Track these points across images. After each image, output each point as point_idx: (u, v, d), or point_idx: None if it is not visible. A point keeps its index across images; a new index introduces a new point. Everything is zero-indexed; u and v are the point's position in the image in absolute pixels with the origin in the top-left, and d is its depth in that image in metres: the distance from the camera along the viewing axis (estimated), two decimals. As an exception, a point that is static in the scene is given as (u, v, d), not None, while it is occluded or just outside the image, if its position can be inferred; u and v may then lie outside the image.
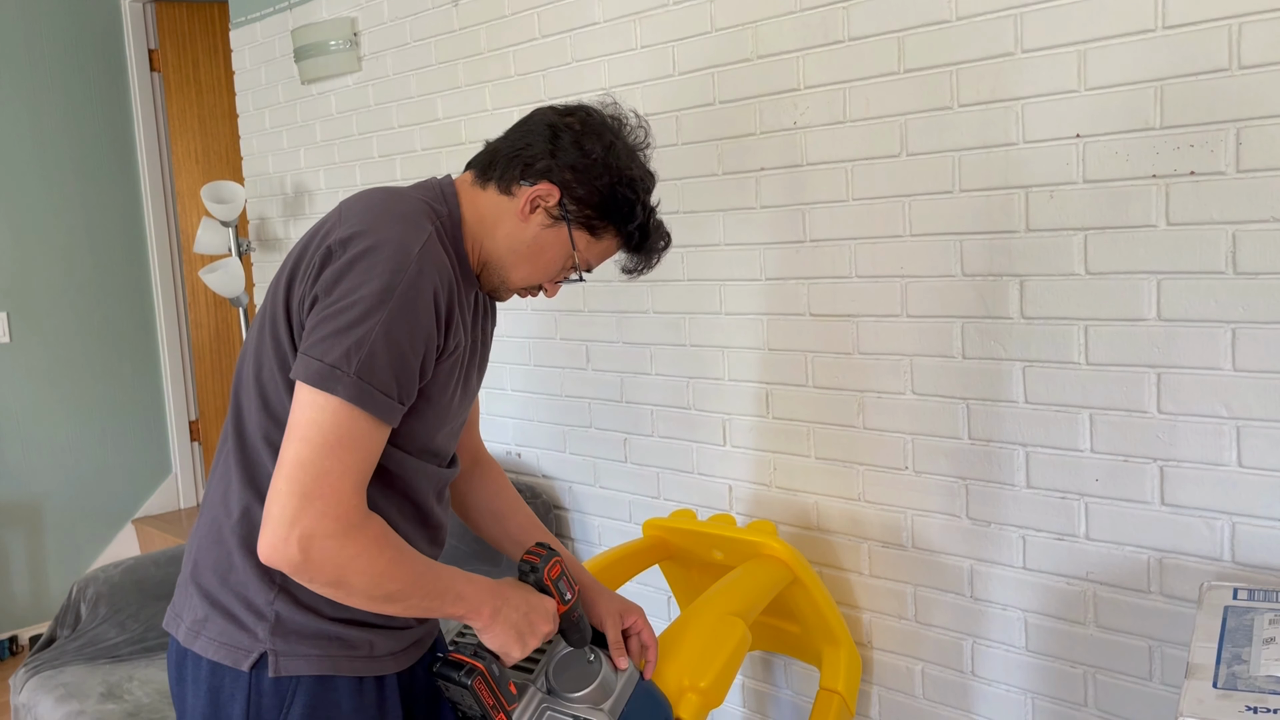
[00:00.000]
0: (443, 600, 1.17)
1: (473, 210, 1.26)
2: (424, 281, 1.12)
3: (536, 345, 2.49)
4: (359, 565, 1.09)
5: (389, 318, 1.10)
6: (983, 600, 1.79)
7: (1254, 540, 1.49)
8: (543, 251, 1.27)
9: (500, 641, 1.23)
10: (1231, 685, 1.11)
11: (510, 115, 2.45)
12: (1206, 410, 1.51)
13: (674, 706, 1.42)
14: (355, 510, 1.09)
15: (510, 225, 1.25)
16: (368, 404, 1.09)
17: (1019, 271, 1.67)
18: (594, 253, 1.30)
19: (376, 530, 1.12)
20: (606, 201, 1.26)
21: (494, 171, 1.26)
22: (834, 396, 1.94)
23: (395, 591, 1.12)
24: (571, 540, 2.52)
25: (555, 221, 1.25)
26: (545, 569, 1.30)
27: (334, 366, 1.08)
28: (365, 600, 1.12)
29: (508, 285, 1.29)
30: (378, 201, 1.18)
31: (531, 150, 1.24)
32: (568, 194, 1.24)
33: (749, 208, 2.01)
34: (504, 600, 1.23)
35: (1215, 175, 1.47)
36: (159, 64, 4.01)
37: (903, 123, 1.77)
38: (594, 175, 1.24)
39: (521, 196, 1.24)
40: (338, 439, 1.08)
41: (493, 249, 1.26)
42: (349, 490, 1.09)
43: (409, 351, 1.12)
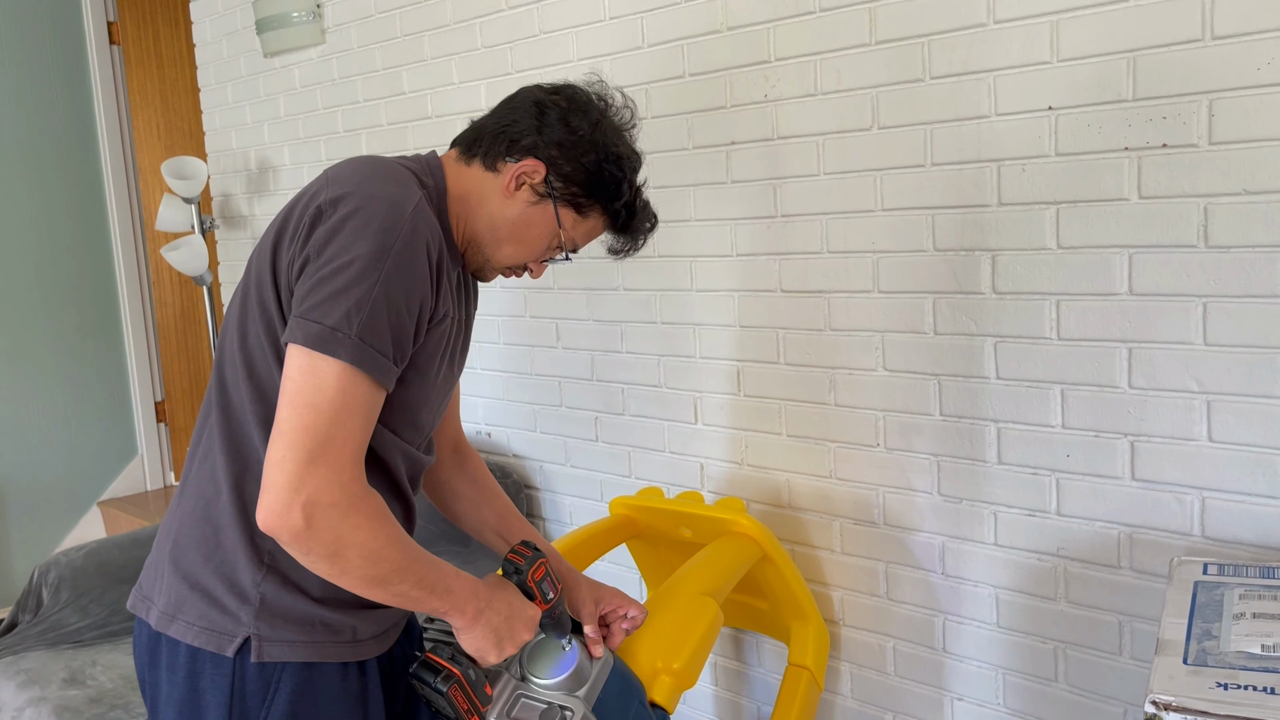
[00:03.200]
0: (431, 591, 1.14)
1: (458, 185, 1.24)
2: (418, 240, 1.10)
3: (506, 323, 2.46)
4: (358, 539, 1.07)
5: (386, 277, 1.07)
6: (954, 577, 1.79)
7: (1224, 515, 1.49)
8: (528, 229, 1.25)
9: (478, 645, 1.21)
10: (1202, 661, 1.10)
11: (477, 89, 2.41)
12: (1177, 385, 1.50)
13: (647, 689, 1.41)
14: (358, 480, 1.07)
15: (495, 202, 1.24)
16: (370, 367, 1.07)
17: (991, 246, 1.66)
18: (580, 231, 1.29)
19: (376, 506, 1.09)
20: (593, 179, 1.24)
21: (479, 148, 1.25)
22: (805, 373, 1.92)
23: (387, 574, 1.10)
24: (543, 520, 2.50)
25: (541, 199, 1.24)
26: (530, 570, 1.28)
27: (334, 329, 1.05)
28: (358, 579, 1.09)
29: (492, 264, 1.27)
30: (366, 165, 1.16)
31: (518, 127, 1.23)
32: (554, 170, 1.23)
33: (720, 182, 1.98)
34: (488, 602, 1.21)
35: (1187, 148, 1.45)
36: (118, 37, 3.92)
37: (874, 95, 1.75)
38: (580, 152, 1.23)
39: (507, 173, 1.23)
40: (342, 404, 1.05)
41: (478, 227, 1.25)
42: (351, 458, 1.06)
43: (405, 312, 1.10)
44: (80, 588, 2.39)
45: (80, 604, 2.37)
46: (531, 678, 1.29)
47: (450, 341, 1.25)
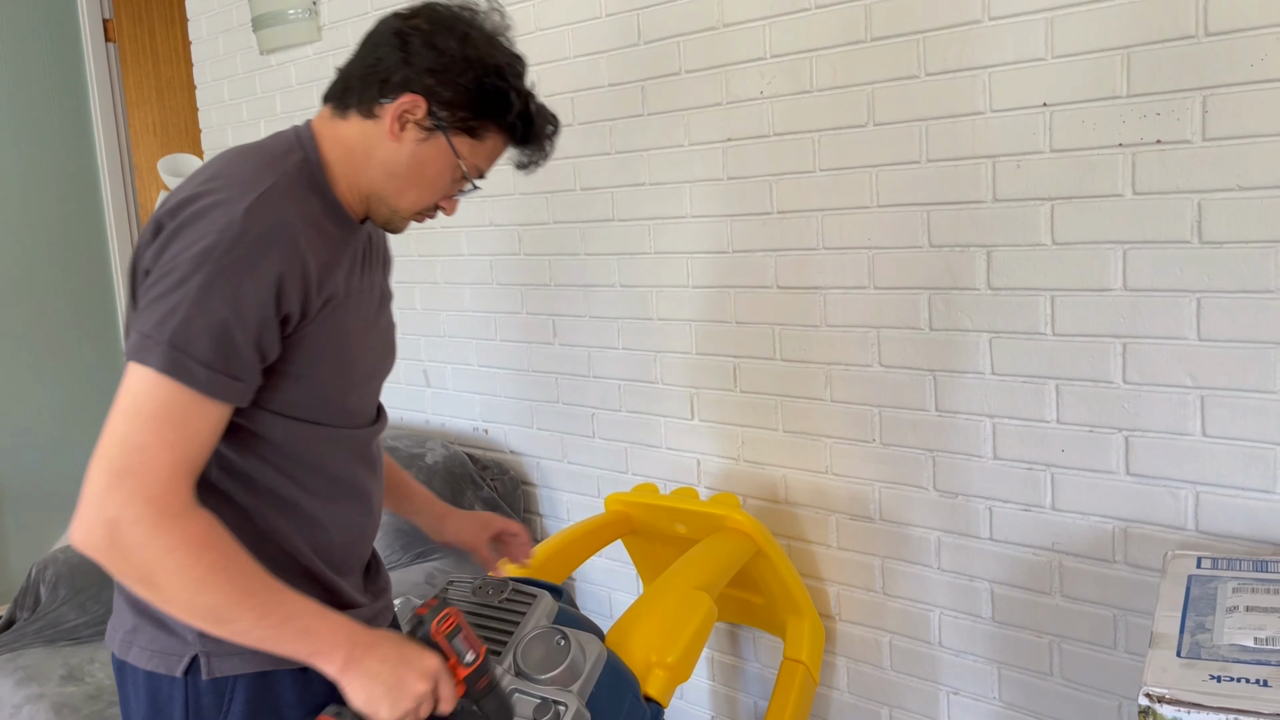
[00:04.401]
0: (283, 631, 1.03)
1: (337, 146, 1.17)
2: (251, 243, 1.03)
3: (502, 320, 2.47)
4: (171, 563, 0.97)
5: (205, 282, 1.00)
6: (949, 571, 1.79)
7: (1217, 509, 1.50)
8: (425, 168, 1.17)
9: (363, 698, 1.06)
10: (1195, 654, 1.11)
11: (473, 85, 2.40)
12: (1171, 380, 1.51)
13: (641, 683, 1.41)
14: (173, 496, 0.98)
15: (384, 149, 1.16)
16: (183, 376, 0.99)
17: (986, 242, 1.66)
18: (480, 156, 1.20)
19: (200, 527, 1.00)
20: (477, 98, 1.16)
21: (351, 97, 1.16)
22: (801, 369, 1.93)
23: (216, 606, 1.00)
24: (540, 516, 2.50)
25: (429, 133, 1.16)
26: (433, 622, 1.11)
27: (146, 335, 1.00)
28: (183, 610, 1.00)
29: (400, 213, 1.20)
30: (219, 165, 1.10)
31: (384, 64, 1.15)
32: (434, 100, 1.14)
33: (715, 179, 1.99)
34: (366, 649, 1.07)
35: (1181, 144, 1.46)
36: (114, 34, 3.91)
37: (869, 92, 1.75)
38: (457, 73, 1.14)
39: (386, 115, 1.15)
40: (152, 411, 0.98)
41: (373, 179, 1.17)
42: (166, 471, 0.98)
43: (232, 320, 1.01)
44: (78, 585, 2.39)
45: (78, 601, 2.37)
46: (525, 673, 1.29)
47: (363, 320, 1.19)
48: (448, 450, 2.44)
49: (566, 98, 2.21)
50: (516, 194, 2.36)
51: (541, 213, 2.32)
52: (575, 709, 1.26)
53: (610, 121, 2.13)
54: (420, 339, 2.68)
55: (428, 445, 2.44)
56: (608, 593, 2.39)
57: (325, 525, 1.19)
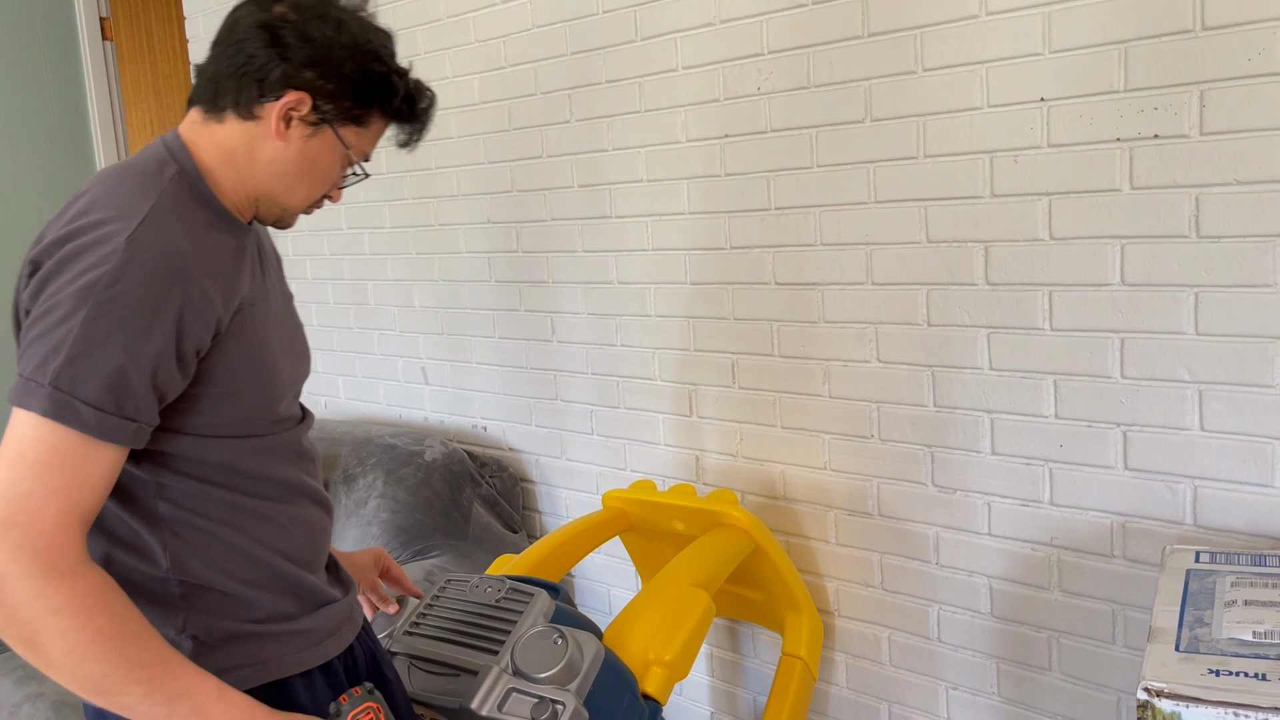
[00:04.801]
0: (172, 709, 0.95)
1: (215, 151, 1.12)
2: (139, 274, 0.96)
3: (501, 317, 2.46)
4: (56, 626, 0.90)
5: (89, 319, 0.94)
6: (948, 567, 1.79)
7: (1216, 503, 1.50)
8: (315, 163, 1.14)
9: None
10: (1194, 649, 1.11)
11: (470, 83, 2.41)
12: (1169, 374, 1.51)
13: (639, 681, 1.41)
14: (62, 550, 0.91)
15: (269, 150, 1.11)
16: (70, 419, 0.93)
17: (983, 237, 1.66)
18: (367, 141, 1.18)
19: (90, 585, 0.92)
20: (361, 86, 1.12)
21: (225, 99, 1.11)
22: (800, 365, 1.92)
23: (101, 677, 0.92)
24: (539, 513, 2.50)
25: (315, 128, 1.12)
26: (350, 713, 1.07)
27: (28, 378, 0.94)
28: (67, 678, 0.92)
29: (291, 210, 1.17)
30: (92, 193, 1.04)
31: (257, 61, 1.09)
32: (318, 95, 1.10)
33: (713, 175, 1.98)
34: None
35: (1179, 138, 1.46)
36: (111, 32, 3.91)
37: (867, 88, 1.75)
38: (338, 64, 1.10)
39: (269, 115, 1.10)
40: (37, 457, 0.91)
41: (260, 180, 1.13)
42: (53, 521, 0.91)
43: (123, 359, 0.95)
44: (77, 583, 2.39)
45: (77, 600, 2.37)
46: (523, 672, 1.29)
47: (272, 320, 1.15)
48: (447, 448, 2.44)
49: (564, 94, 2.20)
50: (514, 191, 2.36)
51: (539, 210, 2.32)
52: (573, 708, 1.26)
53: (608, 118, 2.13)
54: (419, 336, 2.68)
55: (426, 443, 2.44)
56: (607, 589, 2.39)
57: (286, 526, 1.16)
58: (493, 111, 2.37)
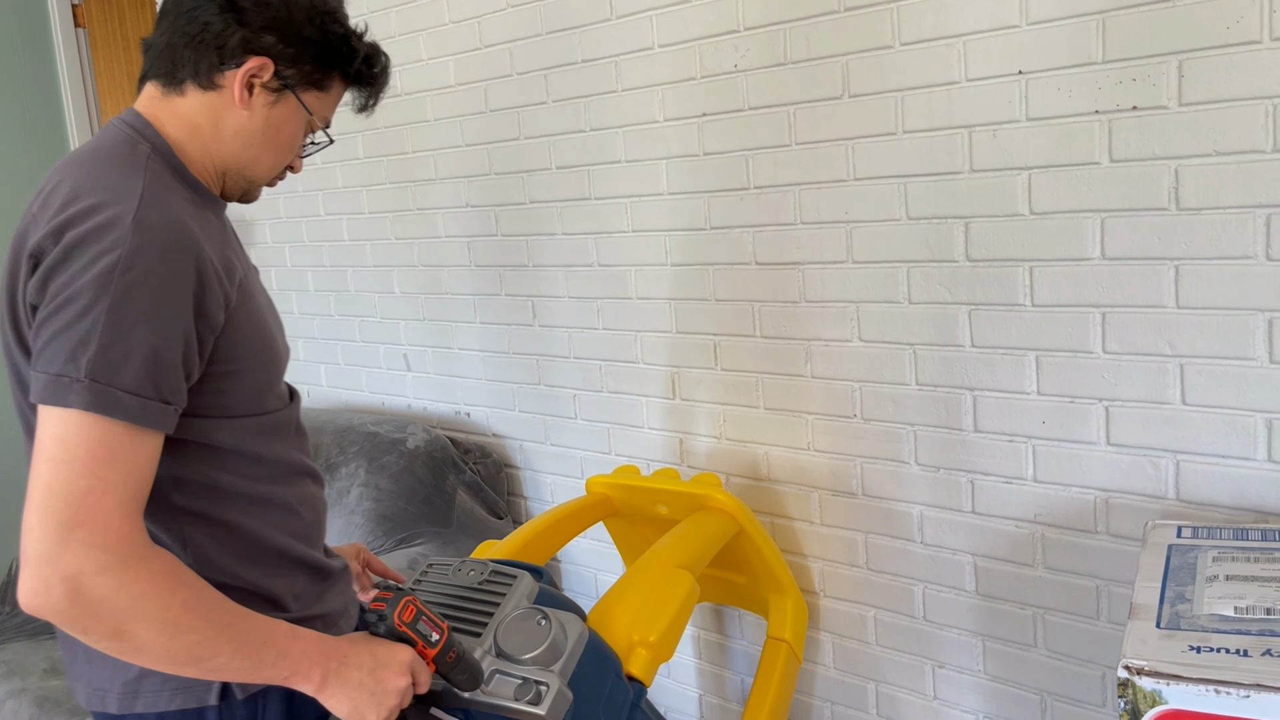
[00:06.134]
0: (259, 659, 0.99)
1: (179, 125, 1.09)
2: (154, 254, 0.95)
3: (481, 302, 2.44)
4: (144, 609, 0.92)
5: (114, 305, 0.93)
6: (932, 545, 1.79)
7: (1198, 477, 1.49)
8: (280, 131, 1.12)
9: (349, 708, 1.04)
10: (1175, 625, 1.10)
11: (446, 65, 2.37)
12: (1150, 349, 1.50)
13: (624, 662, 1.40)
14: (130, 539, 0.92)
15: (234, 119, 1.09)
16: (113, 409, 0.92)
17: (963, 213, 1.64)
18: (328, 106, 1.17)
19: (164, 565, 0.94)
20: (322, 50, 1.11)
21: (183, 70, 1.08)
22: (781, 346, 1.91)
23: (194, 646, 0.94)
24: (524, 499, 2.49)
25: (278, 94, 1.10)
26: (395, 614, 1.11)
27: (60, 375, 0.92)
28: (157, 657, 0.94)
29: (257, 182, 1.16)
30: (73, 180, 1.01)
31: (213, 29, 1.06)
32: (280, 59, 1.09)
33: (692, 155, 1.96)
34: (340, 661, 1.04)
35: (1158, 109, 1.44)
36: (84, 19, 3.85)
37: (844, 63, 1.73)
38: (297, 27, 1.09)
39: (231, 84, 1.08)
40: (89, 454, 0.91)
41: (226, 151, 1.11)
42: (116, 513, 0.91)
43: (155, 340, 0.95)
44: (58, 578, 2.37)
45: (59, 594, 2.35)
46: (506, 653, 1.28)
47: (260, 294, 1.15)
48: (429, 435, 2.42)
49: (540, 75, 2.18)
50: (492, 174, 2.33)
51: (517, 193, 2.29)
52: (557, 689, 1.25)
53: (585, 99, 2.11)
54: (400, 323, 2.66)
55: (409, 430, 2.43)
56: (593, 574, 2.38)
57: (295, 508, 1.17)
58: (469, 93, 2.34)
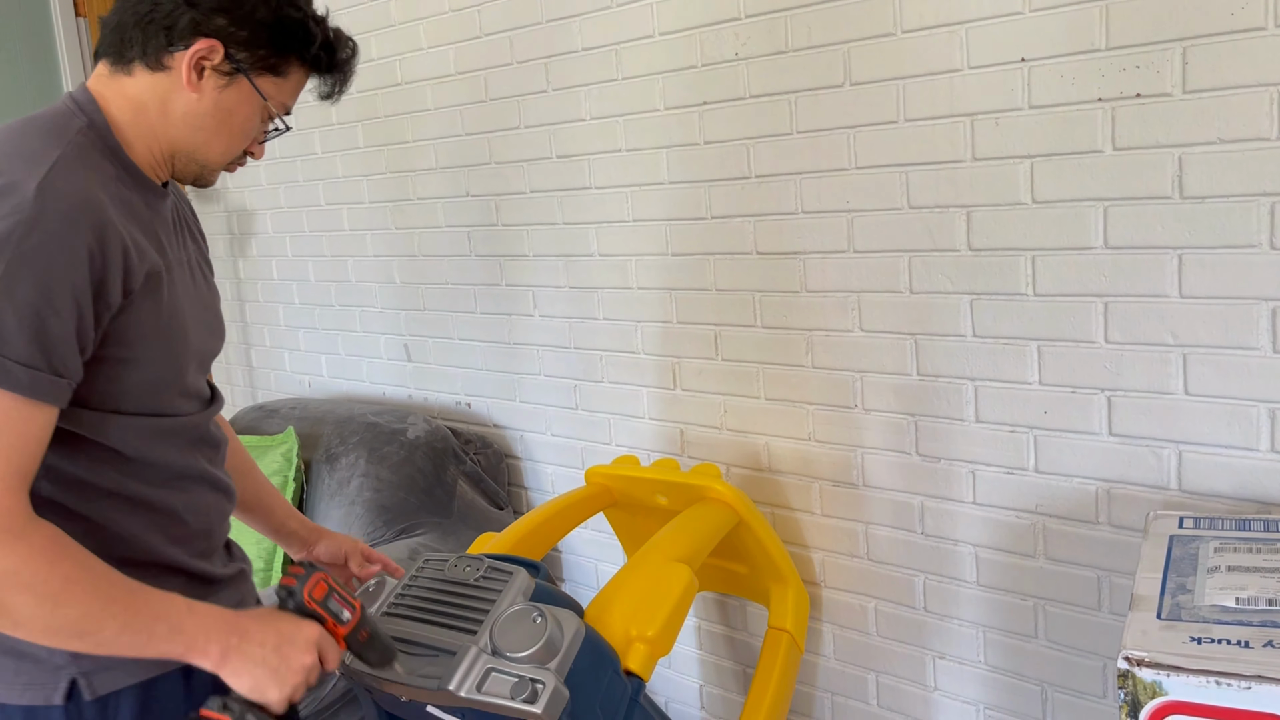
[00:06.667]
0: (151, 633, 0.97)
1: (125, 105, 1.07)
2: (52, 223, 0.93)
3: (482, 292, 2.43)
4: (20, 582, 0.90)
5: (6, 274, 0.91)
6: (933, 536, 1.78)
7: (1201, 468, 1.48)
8: (231, 115, 1.10)
9: (249, 684, 1.02)
10: (1175, 616, 1.10)
11: (446, 53, 2.36)
12: (1153, 338, 1.49)
13: (621, 657, 1.40)
14: (11, 512, 0.91)
15: (182, 102, 1.07)
16: (4, 381, 0.91)
17: (965, 202, 1.63)
18: (286, 92, 1.14)
19: (45, 539, 0.93)
20: (276, 32, 1.09)
21: (131, 49, 1.06)
22: (782, 336, 1.90)
23: (79, 618, 0.93)
24: (525, 489, 2.48)
25: (230, 78, 1.08)
26: (305, 591, 1.09)
27: None
28: (40, 631, 0.93)
29: (210, 166, 1.13)
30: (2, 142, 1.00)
31: (163, 8, 1.05)
32: (230, 42, 1.07)
33: (692, 144, 1.95)
34: (242, 636, 1.02)
35: (1161, 97, 1.43)
36: (84, 8, 3.84)
37: (845, 51, 1.71)
38: (250, 9, 1.07)
39: (179, 65, 1.06)
40: None
41: (174, 134, 1.09)
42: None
43: (45, 310, 0.92)
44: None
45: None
46: (502, 651, 1.28)
47: (185, 290, 1.11)
48: (430, 425, 2.42)
49: (540, 63, 2.16)
50: (493, 163, 2.32)
51: (518, 182, 2.28)
52: (553, 686, 1.25)
53: (584, 87, 2.09)
54: (400, 313, 2.65)
55: (409, 420, 2.42)
56: (594, 564, 2.38)
57: (179, 514, 1.13)
58: (468, 82, 2.33)
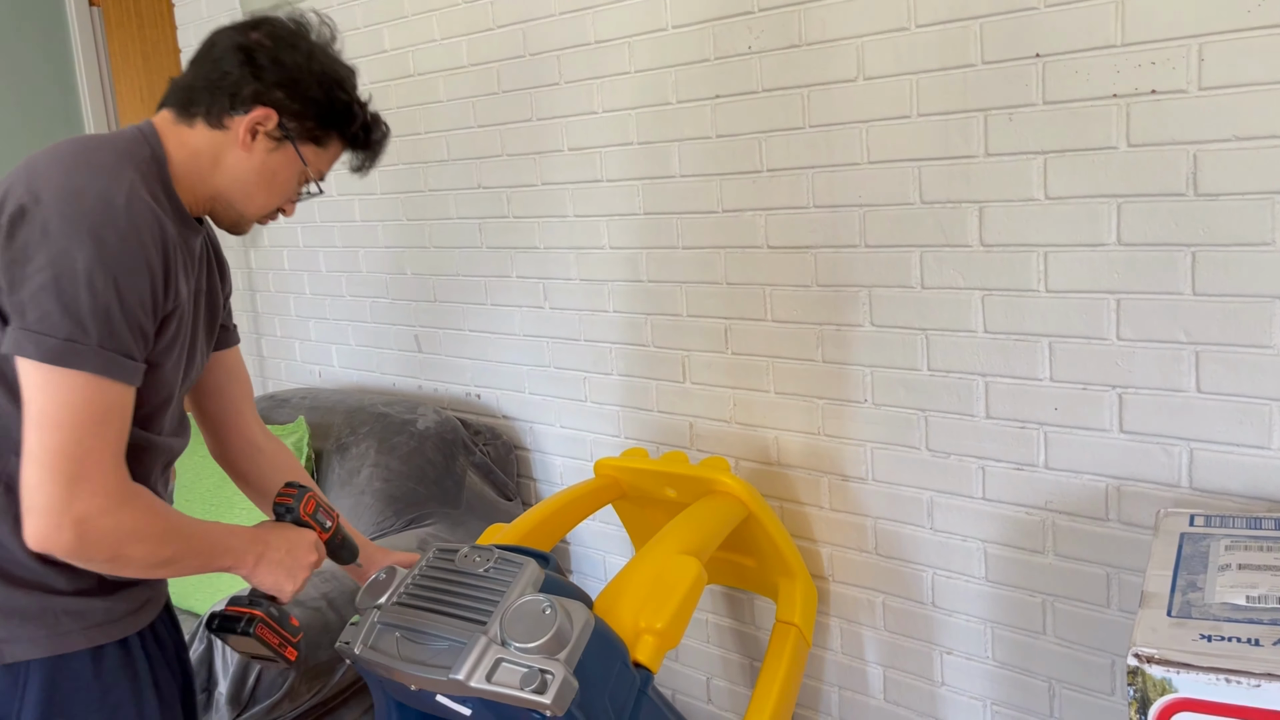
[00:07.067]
0: (213, 556, 1.19)
1: (182, 150, 1.21)
2: (137, 234, 1.08)
3: (493, 284, 2.44)
4: (137, 535, 1.09)
5: (113, 277, 1.05)
6: (942, 531, 1.78)
7: (1212, 466, 1.48)
8: (275, 175, 1.25)
9: (271, 581, 1.27)
10: (1186, 613, 1.10)
11: (458, 45, 2.36)
12: (1165, 336, 1.49)
13: (630, 649, 1.40)
14: (123, 483, 1.08)
15: (234, 157, 1.22)
16: (116, 372, 1.06)
17: (978, 198, 1.63)
18: (324, 161, 1.30)
19: (146, 499, 1.11)
20: (324, 110, 1.25)
21: (197, 107, 1.22)
22: (793, 330, 1.90)
23: (171, 556, 1.13)
24: (533, 481, 2.49)
25: (279, 143, 1.24)
26: (300, 506, 1.35)
27: (71, 340, 1.03)
28: (143, 568, 1.12)
29: (246, 217, 1.28)
30: (68, 154, 1.11)
31: (231, 78, 1.20)
32: (284, 113, 1.22)
33: (704, 137, 1.95)
34: (266, 545, 1.26)
35: (1176, 93, 1.42)
36: (97, -2, 3.84)
37: (859, 45, 1.71)
38: (304, 87, 1.22)
39: (237, 127, 1.21)
40: (91, 415, 1.04)
41: (220, 185, 1.23)
42: (112, 464, 1.07)
43: (138, 308, 1.08)
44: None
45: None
46: (511, 642, 1.28)
47: (189, 327, 1.23)
48: (439, 416, 2.42)
49: (553, 55, 2.16)
50: (505, 155, 2.32)
51: (529, 174, 2.28)
52: (562, 677, 1.25)
53: (597, 80, 2.09)
54: (411, 304, 2.66)
55: (419, 411, 2.43)
56: (602, 556, 2.38)
57: None
58: (481, 74, 2.33)
